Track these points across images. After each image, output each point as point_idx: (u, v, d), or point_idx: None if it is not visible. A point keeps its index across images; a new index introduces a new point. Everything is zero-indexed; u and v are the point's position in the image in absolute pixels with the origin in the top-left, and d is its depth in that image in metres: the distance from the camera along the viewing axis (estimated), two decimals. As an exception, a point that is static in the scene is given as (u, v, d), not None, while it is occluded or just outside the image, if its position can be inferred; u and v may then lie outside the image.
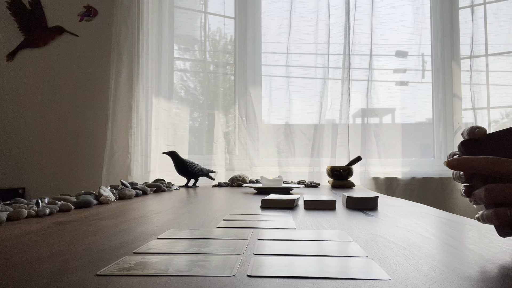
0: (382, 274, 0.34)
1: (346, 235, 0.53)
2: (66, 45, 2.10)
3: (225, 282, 0.32)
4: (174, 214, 0.76)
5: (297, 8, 2.16)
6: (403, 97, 2.20)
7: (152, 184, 1.38)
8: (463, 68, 2.16)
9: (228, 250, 0.44)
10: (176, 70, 2.17)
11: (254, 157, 2.11)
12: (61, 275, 0.34)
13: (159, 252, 0.43)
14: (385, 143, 2.12)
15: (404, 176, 2.06)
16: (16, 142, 2.07)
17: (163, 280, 0.33)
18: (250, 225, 0.62)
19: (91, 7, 2.11)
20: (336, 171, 1.64)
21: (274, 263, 0.39)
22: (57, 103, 2.09)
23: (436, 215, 0.78)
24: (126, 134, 1.90)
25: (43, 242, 0.49)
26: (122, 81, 1.91)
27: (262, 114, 2.20)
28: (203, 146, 2.12)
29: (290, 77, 2.16)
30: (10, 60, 2.10)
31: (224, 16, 2.20)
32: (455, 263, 0.39)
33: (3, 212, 0.67)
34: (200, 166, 1.61)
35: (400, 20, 2.19)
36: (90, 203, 0.88)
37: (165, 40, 2.07)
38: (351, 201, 0.87)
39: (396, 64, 2.23)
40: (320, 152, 2.09)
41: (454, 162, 0.42)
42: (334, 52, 2.14)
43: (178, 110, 2.16)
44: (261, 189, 1.32)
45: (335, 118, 2.13)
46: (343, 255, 0.42)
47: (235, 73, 2.20)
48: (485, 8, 2.12)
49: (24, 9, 2.10)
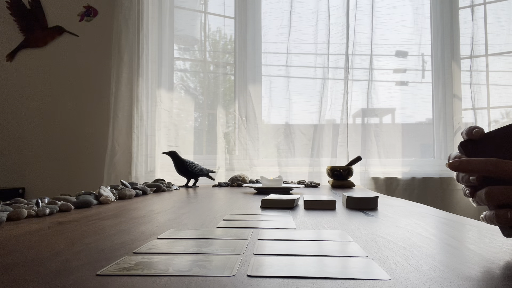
0: (382, 274, 0.34)
1: (346, 235, 0.53)
2: (66, 45, 2.10)
3: (225, 282, 0.32)
4: (174, 214, 0.76)
5: (297, 9, 2.16)
6: (403, 97, 2.20)
7: (152, 184, 1.38)
8: (463, 68, 2.16)
9: (228, 250, 0.44)
10: (176, 70, 2.17)
11: (254, 157, 2.11)
12: (61, 275, 0.34)
13: (159, 252, 0.43)
14: (385, 143, 2.12)
15: (404, 176, 2.06)
16: (16, 142, 2.07)
17: (163, 280, 0.33)
18: (250, 225, 0.62)
19: (91, 7, 2.11)
20: (336, 171, 1.64)
21: (274, 263, 0.39)
22: (57, 103, 2.09)
23: (436, 215, 0.78)
24: (127, 134, 1.91)
25: (43, 242, 0.49)
26: (123, 81, 1.91)
27: (262, 114, 2.20)
28: (203, 146, 2.12)
29: (290, 77, 2.16)
30: (10, 60, 2.10)
31: (224, 16, 2.20)
32: (455, 263, 0.39)
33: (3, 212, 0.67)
34: (200, 166, 1.61)
35: (400, 20, 2.19)
36: (90, 203, 0.88)
37: (165, 40, 2.07)
38: (351, 201, 0.87)
39: (396, 64, 2.23)
40: (320, 152, 2.09)
41: (455, 163, 0.43)
42: (334, 52, 2.14)
43: (178, 110, 2.16)
44: (261, 189, 1.32)
45: (335, 118, 2.13)
46: (343, 255, 0.42)
47: (235, 73, 2.20)
48: (485, 8, 2.12)
49: (24, 9, 2.10)
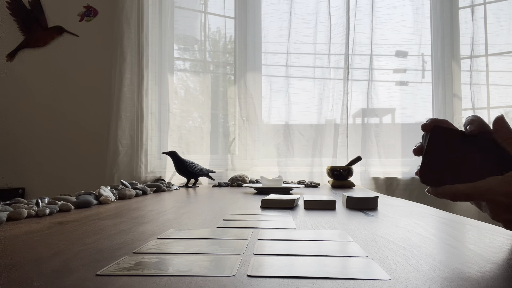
0: (382, 274, 0.34)
1: (346, 235, 0.53)
2: (66, 45, 2.10)
3: (225, 282, 0.32)
4: (174, 214, 0.76)
5: (297, 10, 2.16)
6: (403, 97, 2.20)
7: (152, 184, 1.38)
8: (463, 68, 2.16)
9: (228, 250, 0.44)
10: (176, 70, 2.17)
11: (254, 157, 2.11)
12: (61, 275, 0.34)
13: (159, 252, 0.43)
14: (385, 143, 2.11)
15: (404, 176, 2.06)
16: (16, 142, 2.07)
17: (163, 280, 0.33)
18: (250, 225, 0.62)
19: (91, 7, 2.11)
20: (336, 171, 1.64)
21: (274, 263, 0.39)
22: (57, 103, 2.08)
23: (436, 215, 0.78)
24: (131, 134, 1.91)
25: (43, 242, 0.49)
26: (126, 82, 1.91)
27: (262, 114, 2.20)
28: (203, 146, 2.11)
29: (290, 77, 2.15)
30: (10, 60, 2.10)
31: (224, 16, 2.20)
32: (455, 263, 0.39)
33: (3, 212, 0.67)
34: (200, 166, 1.61)
35: (400, 20, 2.18)
36: (90, 203, 0.88)
37: (165, 40, 2.07)
38: (351, 201, 0.87)
39: (396, 64, 2.22)
40: (320, 152, 2.09)
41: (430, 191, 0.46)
42: (334, 53, 2.14)
43: (178, 110, 2.16)
44: (261, 189, 1.32)
45: (335, 118, 2.12)
46: (343, 255, 0.42)
47: (235, 73, 2.20)
48: (485, 8, 2.11)
49: (24, 9, 2.10)
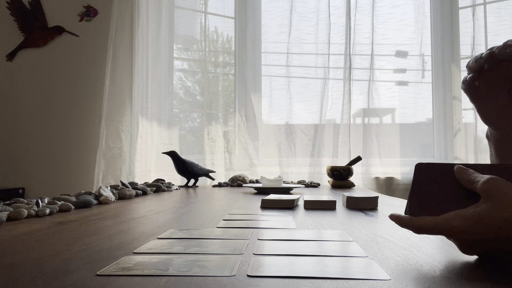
0: (382, 274, 0.34)
1: (346, 235, 0.53)
2: (66, 45, 2.10)
3: (225, 282, 0.32)
4: (174, 214, 0.76)
5: (298, 8, 2.15)
6: (403, 97, 2.19)
7: (152, 184, 1.38)
8: (463, 68, 2.16)
9: (228, 250, 0.44)
10: (175, 70, 2.17)
11: (254, 157, 2.11)
12: (61, 275, 0.34)
13: (159, 252, 0.43)
14: (385, 143, 2.11)
15: (404, 176, 2.06)
16: (16, 142, 2.07)
17: (163, 280, 0.33)
18: (250, 225, 0.62)
19: (91, 7, 2.10)
20: (336, 171, 1.64)
21: (274, 263, 0.38)
22: (57, 103, 2.08)
23: (436, 215, 0.77)
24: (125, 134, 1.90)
25: (43, 242, 0.49)
26: (125, 81, 1.90)
27: (263, 114, 2.19)
28: (202, 146, 2.11)
29: (291, 77, 2.15)
30: (10, 60, 2.10)
31: (224, 16, 2.20)
32: (455, 263, 0.39)
33: (3, 212, 0.67)
34: (200, 166, 1.61)
35: (401, 20, 2.18)
36: (90, 203, 0.88)
37: (164, 40, 2.07)
38: (351, 201, 0.87)
39: (397, 64, 2.22)
40: (320, 152, 2.09)
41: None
42: (335, 52, 2.14)
43: (178, 110, 2.16)
44: (261, 189, 1.32)
45: (336, 118, 2.12)
46: (343, 255, 0.42)
47: (235, 73, 2.20)
48: (485, 8, 2.11)
49: (24, 9, 2.10)
